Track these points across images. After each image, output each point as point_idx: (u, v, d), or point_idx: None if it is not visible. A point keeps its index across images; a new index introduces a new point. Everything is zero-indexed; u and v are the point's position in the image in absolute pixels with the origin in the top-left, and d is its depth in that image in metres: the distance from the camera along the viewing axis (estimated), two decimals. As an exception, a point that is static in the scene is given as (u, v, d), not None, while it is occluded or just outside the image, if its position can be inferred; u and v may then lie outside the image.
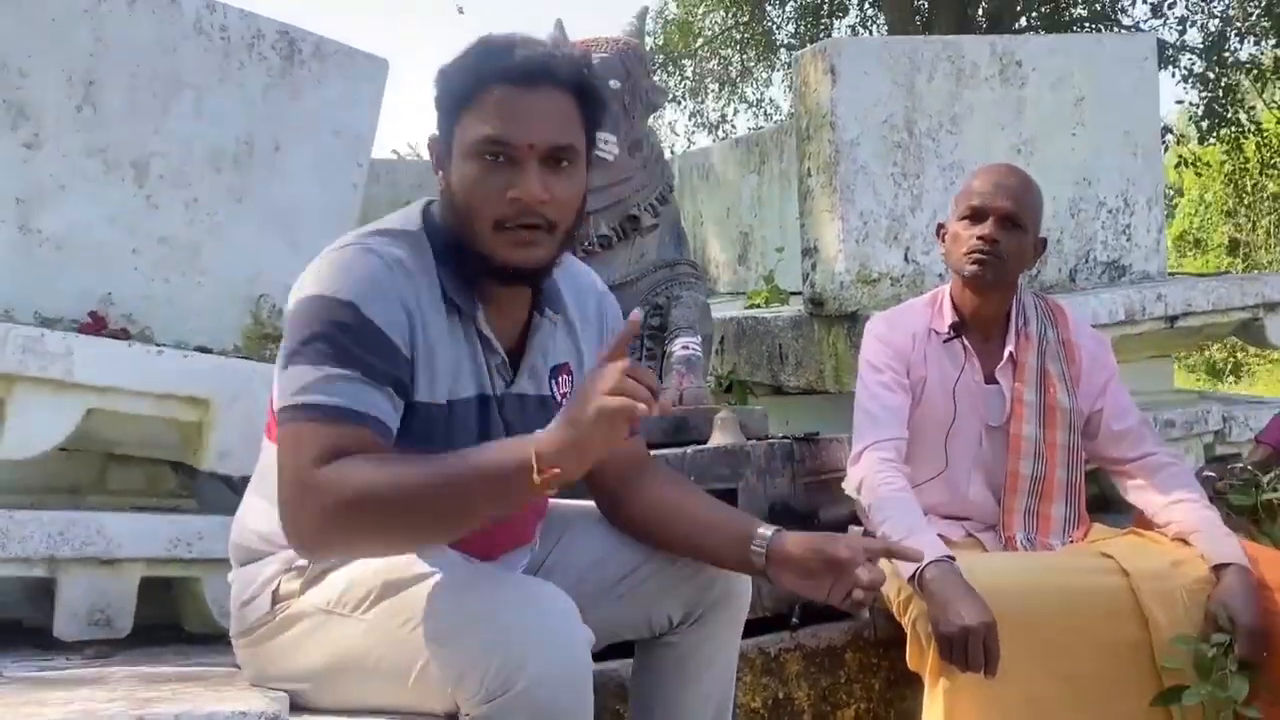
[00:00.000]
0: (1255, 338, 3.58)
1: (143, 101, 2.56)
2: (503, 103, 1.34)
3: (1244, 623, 1.74)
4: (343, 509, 1.23)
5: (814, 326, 3.35)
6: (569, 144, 1.37)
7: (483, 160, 1.34)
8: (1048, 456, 2.06)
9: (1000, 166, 2.13)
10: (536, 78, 1.34)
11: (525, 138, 1.33)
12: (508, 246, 1.35)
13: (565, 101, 1.37)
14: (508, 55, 1.35)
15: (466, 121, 1.36)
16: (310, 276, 1.35)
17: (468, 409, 1.42)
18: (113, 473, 2.41)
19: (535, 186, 1.33)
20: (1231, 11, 11.00)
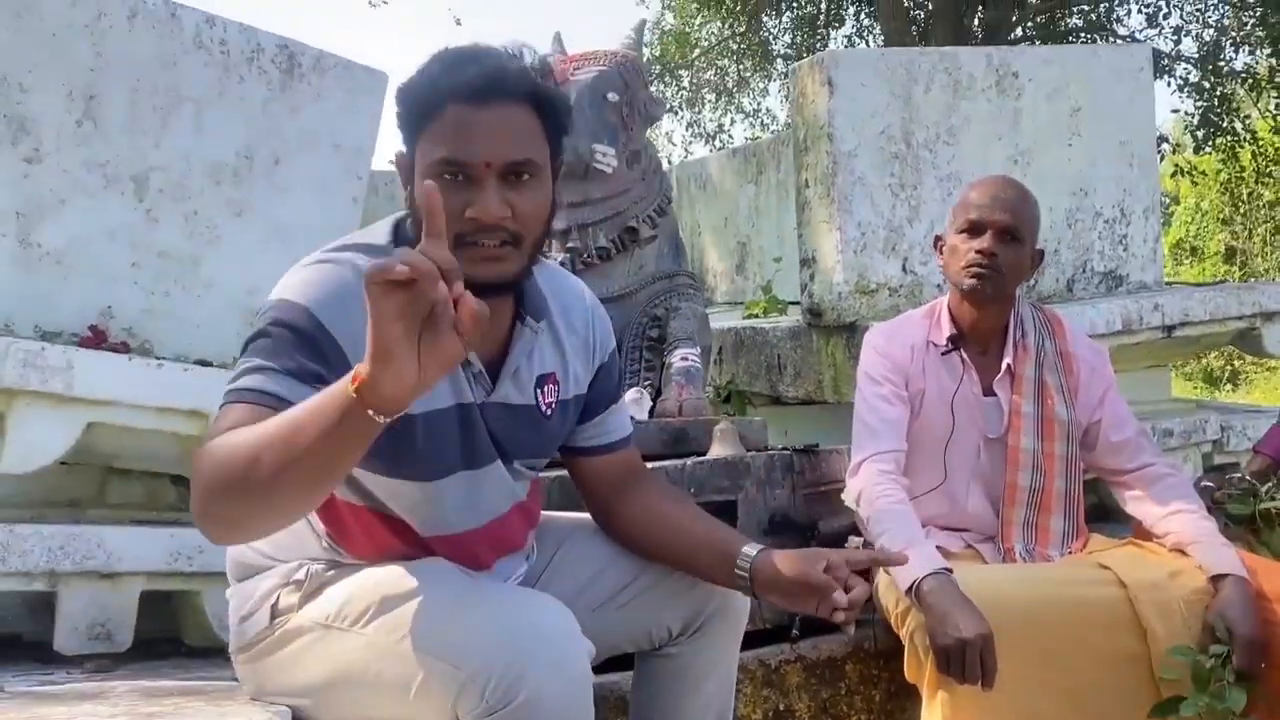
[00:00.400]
0: (1252, 347, 3.60)
1: (143, 116, 2.58)
2: (457, 122, 1.33)
3: (1242, 634, 1.74)
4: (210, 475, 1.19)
5: (812, 337, 3.36)
6: (527, 158, 1.36)
7: (441, 180, 1.33)
8: (1046, 468, 2.06)
9: (997, 179, 2.13)
10: (488, 93, 1.34)
11: (480, 156, 1.33)
12: (471, 262, 1.33)
13: (521, 114, 1.36)
14: (459, 72, 1.35)
15: (425, 142, 1.36)
16: (278, 285, 1.36)
17: (446, 419, 1.42)
18: (113, 486, 2.41)
19: (493, 205, 1.32)
20: (1226, 21, 11.04)
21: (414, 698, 1.30)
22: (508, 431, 1.48)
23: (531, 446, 1.54)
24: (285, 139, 2.79)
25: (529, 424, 1.51)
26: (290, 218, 2.78)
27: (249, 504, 1.18)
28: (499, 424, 1.47)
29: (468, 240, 1.33)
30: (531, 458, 1.57)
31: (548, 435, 1.56)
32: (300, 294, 1.32)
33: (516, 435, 1.50)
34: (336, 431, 1.12)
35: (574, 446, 1.63)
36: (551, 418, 1.53)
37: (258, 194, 2.74)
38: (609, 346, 1.63)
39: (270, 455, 1.14)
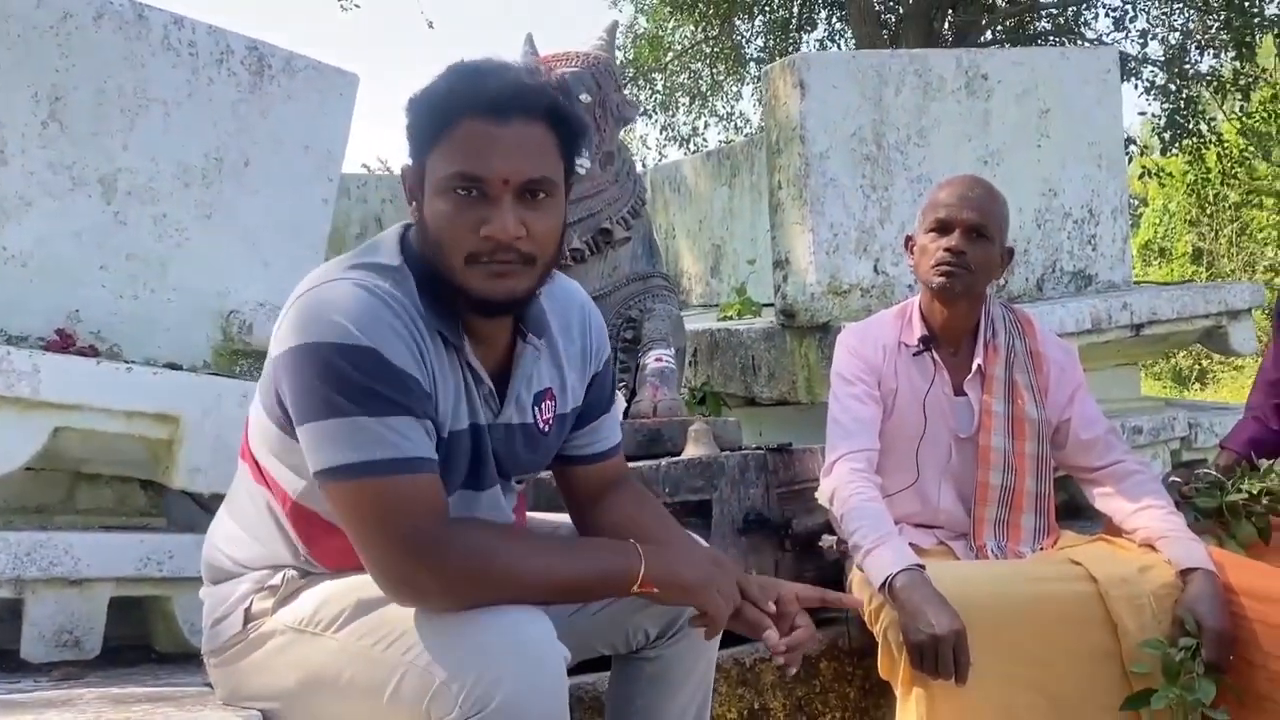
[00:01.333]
0: (1219, 345, 3.64)
1: (110, 117, 2.55)
2: (474, 137, 1.31)
3: (1210, 626, 1.76)
4: (480, 576, 1.29)
5: (786, 338, 3.37)
6: (544, 176, 1.34)
7: (455, 195, 1.32)
8: (1017, 467, 2.08)
9: (965, 178, 2.15)
10: (508, 109, 1.31)
11: (498, 173, 1.31)
12: (482, 280, 1.33)
13: (539, 132, 1.34)
14: (478, 86, 1.32)
15: (438, 155, 1.33)
16: (309, 318, 1.30)
17: (462, 439, 1.41)
18: (81, 492, 2.38)
19: (510, 223, 1.31)
20: (1191, 25, 11.19)
21: (387, 703, 1.30)
22: (509, 452, 1.48)
23: (529, 464, 1.54)
24: (255, 141, 2.76)
25: (527, 442, 1.50)
26: (260, 220, 2.76)
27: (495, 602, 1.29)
28: (501, 444, 1.47)
29: (481, 259, 1.32)
30: (527, 474, 1.57)
31: (544, 451, 1.55)
32: (359, 334, 1.28)
33: (516, 454, 1.50)
34: (604, 592, 1.43)
35: (564, 455, 1.62)
36: (549, 434, 1.53)
37: (227, 196, 2.71)
38: (604, 354, 1.62)
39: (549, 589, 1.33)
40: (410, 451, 1.29)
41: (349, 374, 1.27)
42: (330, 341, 1.28)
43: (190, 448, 2.23)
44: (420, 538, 1.27)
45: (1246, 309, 3.57)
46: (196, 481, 2.25)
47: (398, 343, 1.30)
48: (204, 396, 2.26)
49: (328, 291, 1.33)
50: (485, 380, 1.43)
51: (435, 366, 1.36)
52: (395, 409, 1.29)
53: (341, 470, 1.27)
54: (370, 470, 1.27)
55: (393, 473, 1.27)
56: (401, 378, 1.30)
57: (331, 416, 1.27)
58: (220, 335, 2.68)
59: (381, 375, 1.28)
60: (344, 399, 1.27)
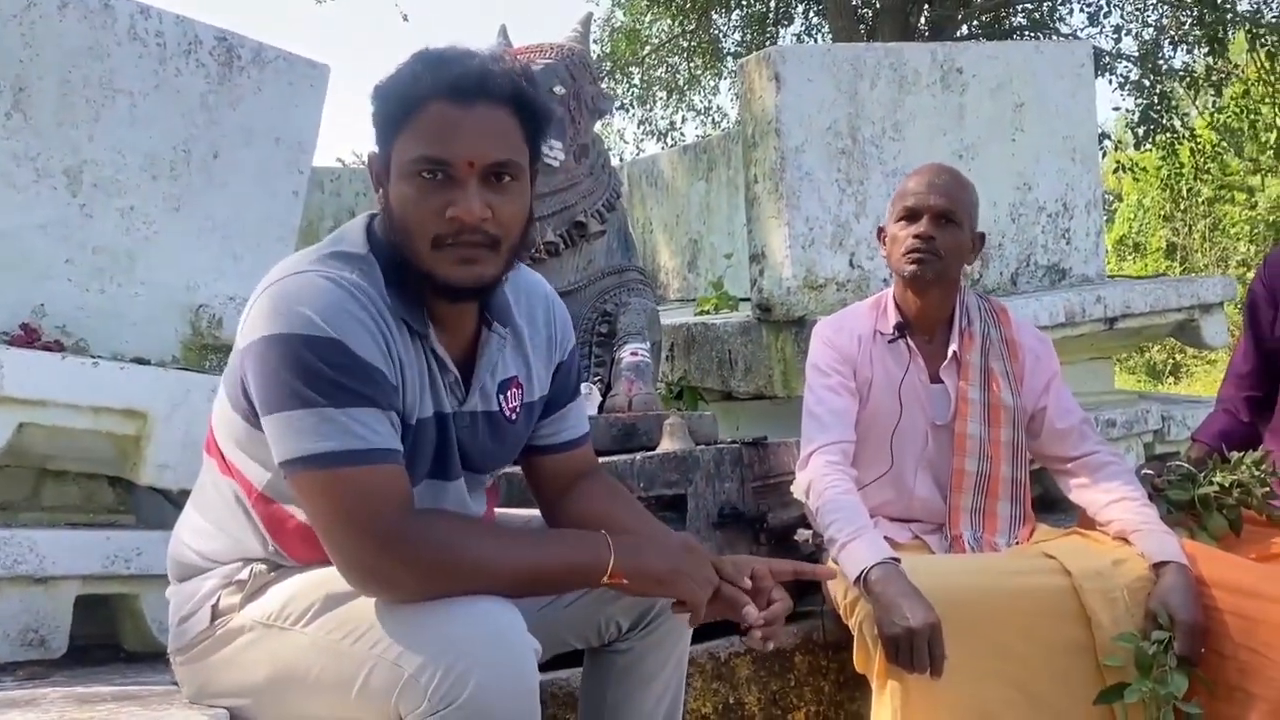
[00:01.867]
0: (1191, 338, 3.67)
1: (75, 108, 2.52)
2: (439, 120, 1.32)
3: (1182, 620, 1.77)
4: (446, 566, 1.28)
5: (762, 332, 3.37)
6: (509, 159, 1.35)
7: (420, 179, 1.32)
8: (992, 454, 2.08)
9: (932, 166, 2.16)
10: (473, 93, 1.32)
11: (463, 155, 1.32)
12: (449, 264, 1.34)
13: (504, 116, 1.35)
14: (443, 71, 1.33)
15: (403, 140, 1.34)
16: (275, 309, 1.30)
17: (427, 428, 1.41)
18: (46, 488, 2.35)
19: (475, 205, 1.31)
20: (1165, 21, 11.27)
21: (356, 697, 1.29)
22: (475, 441, 1.47)
23: (496, 455, 1.53)
24: (224, 132, 2.73)
25: (493, 431, 1.50)
26: (229, 212, 2.73)
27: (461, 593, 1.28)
28: (467, 433, 1.46)
29: (447, 241, 1.32)
30: (495, 466, 1.56)
31: (512, 441, 1.55)
32: (324, 326, 1.28)
33: (483, 444, 1.49)
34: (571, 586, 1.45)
35: (532, 445, 1.61)
36: (516, 422, 1.52)
37: (196, 188, 2.68)
38: (569, 343, 1.62)
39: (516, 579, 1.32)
40: (375, 443, 1.29)
41: (314, 365, 1.27)
42: (296, 333, 1.28)
43: (158, 444, 2.21)
44: (384, 528, 1.27)
45: (1219, 302, 3.60)
46: (165, 478, 2.23)
47: (363, 334, 1.31)
48: (172, 392, 2.24)
49: (293, 283, 1.32)
50: (451, 368, 1.43)
51: (401, 355, 1.36)
52: (360, 400, 1.29)
53: (306, 460, 1.27)
54: (335, 461, 1.27)
55: (357, 463, 1.27)
56: (367, 369, 1.30)
57: (297, 407, 1.27)
58: (189, 330, 2.66)
59: (347, 367, 1.28)
60: (309, 390, 1.27)
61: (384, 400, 1.31)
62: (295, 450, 1.27)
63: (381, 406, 1.31)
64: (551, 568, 1.35)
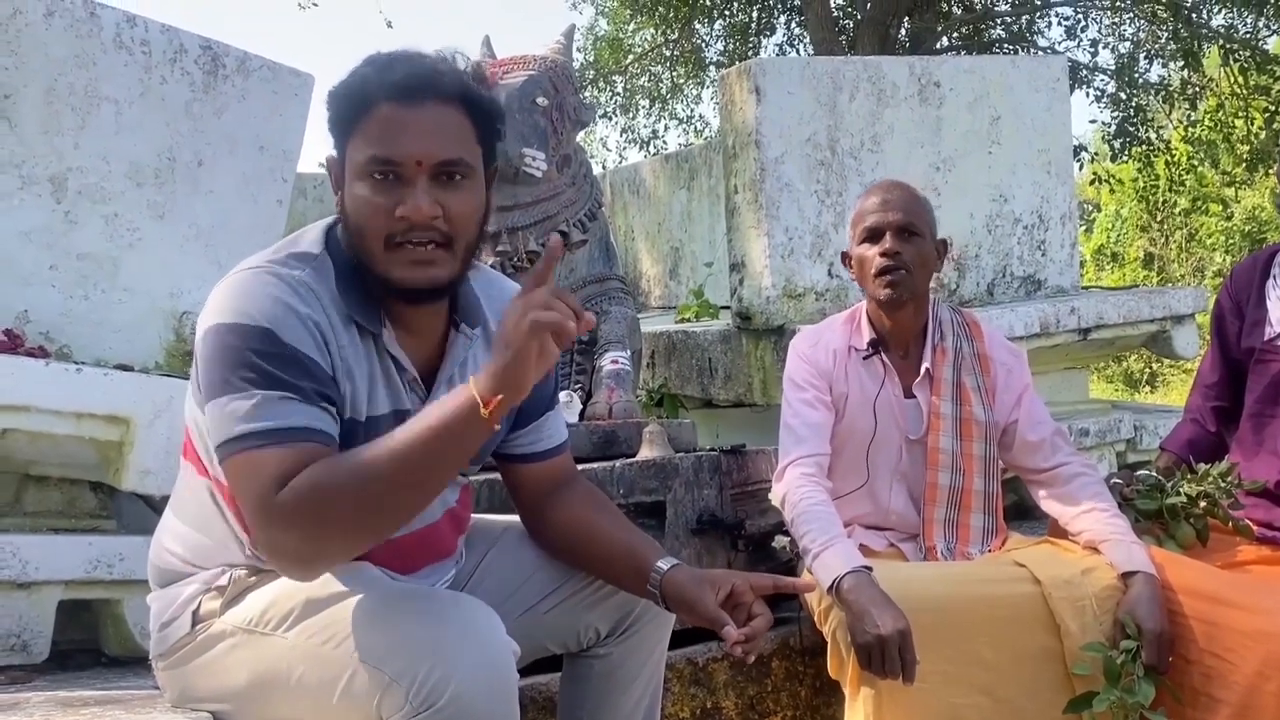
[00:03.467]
0: (1163, 349, 3.73)
1: (60, 116, 2.52)
2: (388, 121, 1.34)
3: (1150, 629, 1.80)
4: (315, 517, 1.24)
5: (742, 340, 3.40)
6: (458, 158, 1.36)
7: (371, 180, 1.34)
8: (965, 468, 2.12)
9: (883, 184, 2.20)
10: (420, 93, 1.34)
11: (411, 154, 1.33)
12: (403, 266, 1.35)
13: (453, 115, 1.37)
14: (390, 72, 1.35)
15: (355, 142, 1.36)
16: (217, 303, 1.34)
17: (384, 425, 1.40)
18: (29, 493, 2.35)
19: (424, 203, 1.33)
20: (1141, 35, 11.41)
21: (337, 701, 1.30)
22: None
23: None
24: (209, 140, 2.74)
25: None
26: (214, 220, 2.74)
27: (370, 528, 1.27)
28: None
29: (398, 241, 1.34)
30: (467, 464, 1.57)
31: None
32: (256, 315, 1.30)
33: None
34: (466, 448, 1.27)
35: (510, 453, 1.62)
36: None
37: (180, 196, 2.69)
38: None
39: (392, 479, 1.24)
40: (283, 423, 1.27)
41: (242, 351, 1.29)
42: (229, 322, 1.31)
43: (141, 449, 2.22)
44: (264, 503, 1.25)
45: (1190, 314, 3.66)
46: (147, 483, 2.24)
47: (296, 324, 1.32)
48: (155, 398, 2.24)
49: (238, 278, 1.36)
50: (408, 368, 1.44)
51: (344, 354, 1.38)
52: (280, 384, 1.29)
53: (226, 445, 1.29)
54: (244, 442, 1.27)
55: (260, 445, 1.26)
56: (295, 357, 1.31)
57: (224, 394, 1.29)
58: (172, 336, 2.66)
59: (271, 354, 1.29)
60: (235, 377, 1.28)
61: (309, 388, 1.31)
62: (219, 436, 1.29)
63: (303, 394, 1.30)
64: (424, 439, 1.25)
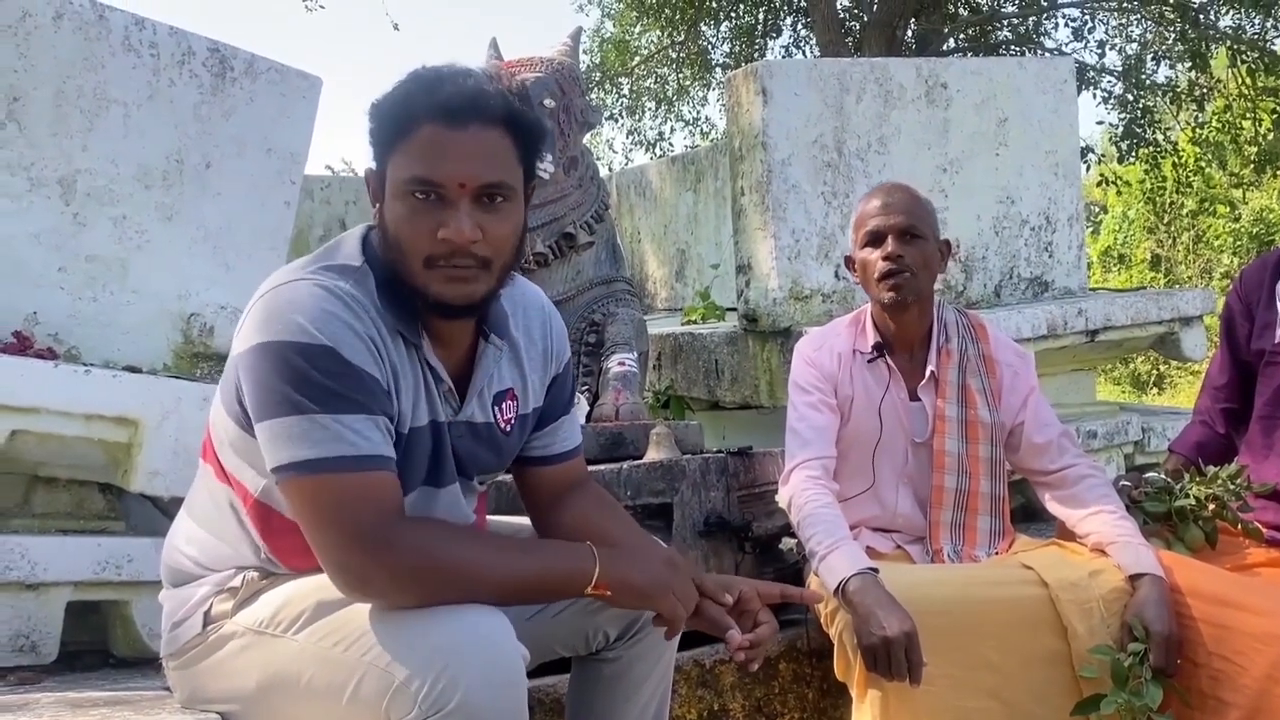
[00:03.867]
0: (1171, 350, 3.72)
1: (69, 118, 2.53)
2: (432, 142, 1.33)
3: (1158, 632, 1.79)
4: (431, 573, 1.29)
5: (749, 342, 3.40)
6: (501, 181, 1.36)
7: (413, 199, 1.34)
8: (971, 470, 2.11)
9: (883, 187, 2.19)
10: (466, 115, 1.34)
11: (454, 177, 1.33)
12: (440, 283, 1.35)
13: (497, 137, 1.37)
14: (437, 91, 1.35)
15: (397, 159, 1.36)
16: (268, 317, 1.32)
17: (422, 436, 1.42)
18: (38, 495, 2.36)
19: (465, 227, 1.33)
20: (1148, 37, 11.39)
21: (346, 703, 1.30)
22: (469, 450, 1.49)
23: (489, 464, 1.55)
24: (217, 143, 2.75)
25: (488, 441, 1.52)
26: (222, 222, 2.75)
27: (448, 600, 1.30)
28: (462, 442, 1.48)
29: (439, 262, 1.34)
30: (487, 474, 1.58)
31: (506, 451, 1.57)
32: (317, 333, 1.30)
33: (477, 453, 1.51)
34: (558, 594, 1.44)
35: (526, 456, 1.63)
36: (510, 434, 1.54)
37: (188, 198, 2.70)
38: (564, 356, 1.64)
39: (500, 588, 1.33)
40: (365, 449, 1.30)
41: (307, 372, 1.29)
42: (289, 340, 1.30)
43: (150, 451, 2.22)
44: (371, 534, 1.28)
45: (1198, 315, 3.65)
46: (156, 485, 2.24)
47: (356, 341, 1.32)
48: (164, 399, 2.25)
49: (288, 291, 1.34)
50: (445, 378, 1.45)
51: (394, 365, 1.38)
52: (352, 407, 1.30)
53: (296, 466, 1.29)
54: (324, 467, 1.28)
55: (347, 470, 1.29)
56: (359, 376, 1.31)
57: (289, 414, 1.29)
58: (181, 338, 2.67)
59: (339, 373, 1.30)
60: (301, 396, 1.28)
61: (376, 406, 1.33)
62: (286, 456, 1.29)
63: (373, 412, 1.32)
64: (536, 577, 1.36)
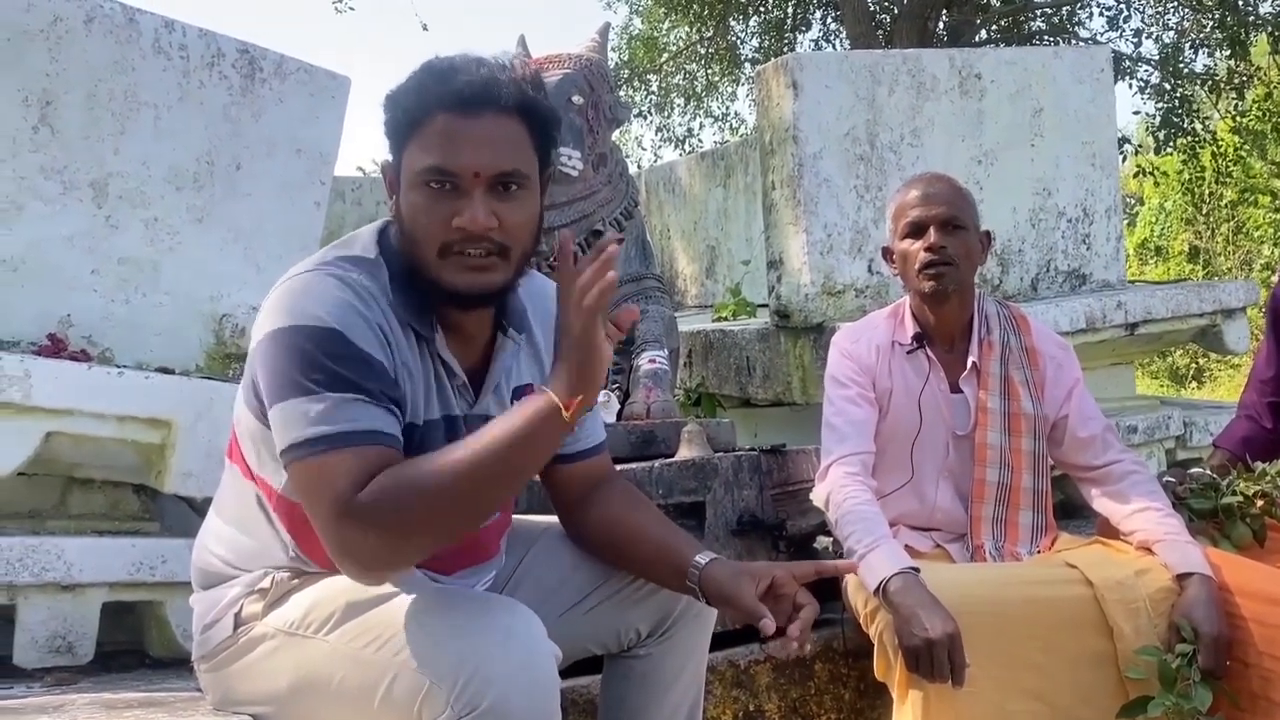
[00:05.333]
0: (1213, 343, 3.65)
1: (101, 121, 2.55)
2: (446, 131, 1.33)
3: (1207, 633, 1.75)
4: (394, 519, 1.24)
5: (780, 339, 3.37)
6: (515, 169, 1.36)
7: (428, 189, 1.34)
8: (1014, 464, 2.07)
9: (923, 177, 2.16)
10: (479, 103, 1.34)
11: (470, 165, 1.33)
12: (456, 271, 1.35)
13: (511, 125, 1.37)
14: (450, 81, 1.35)
15: (412, 150, 1.36)
16: (279, 306, 1.33)
17: (435, 430, 1.42)
18: (73, 496, 2.38)
19: (480, 214, 1.33)
20: (1186, 24, 11.20)
21: (378, 705, 1.30)
22: None
23: None
24: (247, 144, 2.76)
25: None
26: (252, 223, 2.76)
27: (446, 531, 1.28)
28: None
29: (454, 250, 1.34)
30: None
31: None
32: (324, 317, 1.30)
33: None
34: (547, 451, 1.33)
35: None
36: None
37: (219, 199, 2.71)
38: None
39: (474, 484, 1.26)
40: (360, 426, 1.28)
41: (312, 354, 1.28)
42: (296, 324, 1.30)
43: (183, 452, 2.23)
44: (341, 500, 1.25)
45: (1241, 307, 3.57)
46: (189, 486, 2.25)
47: (363, 326, 1.32)
48: (196, 400, 2.26)
49: (299, 281, 1.35)
50: (458, 372, 1.44)
51: (403, 357, 1.38)
52: (351, 387, 1.29)
53: (296, 447, 1.28)
54: (317, 445, 1.26)
55: (336, 447, 1.26)
56: (365, 359, 1.31)
57: (293, 396, 1.28)
58: (213, 339, 2.68)
59: (343, 355, 1.29)
60: (304, 379, 1.28)
61: (377, 390, 1.31)
62: (288, 439, 1.28)
63: (374, 395, 1.30)
64: (504, 445, 1.27)
